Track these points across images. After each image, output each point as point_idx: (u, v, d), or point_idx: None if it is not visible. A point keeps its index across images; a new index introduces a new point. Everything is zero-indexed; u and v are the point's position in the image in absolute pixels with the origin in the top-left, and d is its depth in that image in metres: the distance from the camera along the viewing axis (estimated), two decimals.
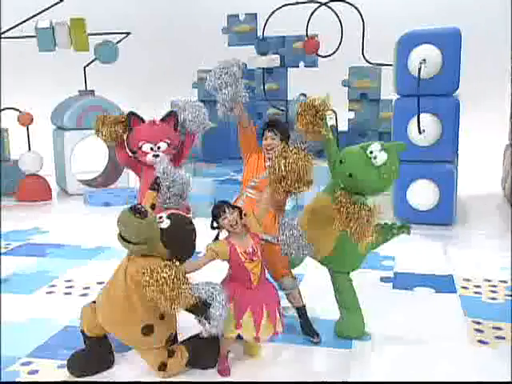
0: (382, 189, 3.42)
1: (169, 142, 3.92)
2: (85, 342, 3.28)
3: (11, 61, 10.00)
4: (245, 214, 3.23)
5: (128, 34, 8.40)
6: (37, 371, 3.28)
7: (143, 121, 4.03)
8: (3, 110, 7.60)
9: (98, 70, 8.41)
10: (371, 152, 3.27)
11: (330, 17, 8.08)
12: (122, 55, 8.30)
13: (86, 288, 4.56)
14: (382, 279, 4.72)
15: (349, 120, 8.79)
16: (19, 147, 8.04)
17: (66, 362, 3.26)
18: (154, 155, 3.90)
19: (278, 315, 3.27)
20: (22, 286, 4.61)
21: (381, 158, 3.25)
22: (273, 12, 8.22)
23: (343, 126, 8.74)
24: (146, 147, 3.89)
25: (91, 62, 8.37)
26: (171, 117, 3.99)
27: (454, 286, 4.52)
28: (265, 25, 8.23)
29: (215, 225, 3.20)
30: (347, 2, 7.71)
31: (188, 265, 3.07)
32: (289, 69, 8.87)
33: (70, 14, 8.00)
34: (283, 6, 8.08)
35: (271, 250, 3.51)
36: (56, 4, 7.96)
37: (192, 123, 4.06)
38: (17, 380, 3.18)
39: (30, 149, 7.88)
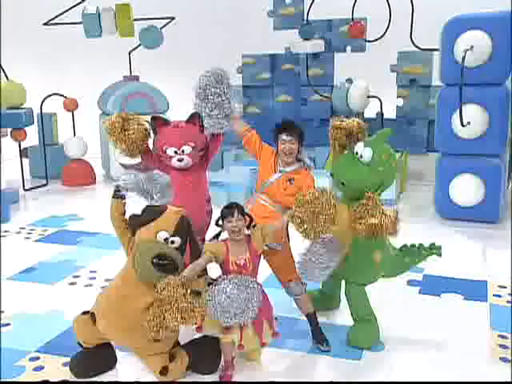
0: (386, 181, 3.34)
1: (193, 145, 3.70)
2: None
3: (58, 47, 10.18)
4: (253, 226, 3.11)
5: (172, 18, 8.33)
6: (42, 368, 3.31)
7: (168, 123, 3.89)
8: (50, 95, 7.73)
9: (142, 56, 8.41)
10: (356, 153, 3.29)
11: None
12: (166, 40, 8.24)
13: (108, 280, 4.57)
14: (410, 282, 4.49)
15: (397, 107, 8.41)
16: (65, 132, 8.18)
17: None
18: (178, 159, 3.70)
19: (265, 326, 3.12)
20: (46, 276, 4.68)
21: (366, 154, 3.26)
22: None
23: (390, 114, 8.39)
24: (170, 151, 3.69)
25: (136, 47, 8.37)
26: (196, 118, 3.81)
27: (486, 294, 4.24)
28: (309, 8, 7.96)
29: (220, 223, 3.10)
30: None
31: (187, 271, 2.98)
32: (335, 53, 8.55)
33: (116, 0, 7.99)
34: None
35: (277, 256, 3.39)
36: None
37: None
38: (21, 376, 3.22)
39: (74, 134, 8.01)
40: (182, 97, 9.60)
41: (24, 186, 7.66)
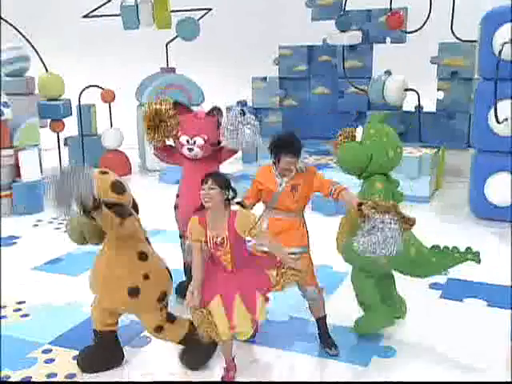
0: (376, 155, 3.38)
1: (206, 138, 3.78)
2: (95, 341, 3.30)
3: (97, 39, 10.34)
4: (243, 206, 3.04)
5: (209, 9, 8.31)
6: (52, 360, 3.38)
7: (190, 110, 3.93)
8: (87, 87, 7.85)
9: (179, 47, 8.43)
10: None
11: None
12: (203, 32, 8.23)
13: None
14: (432, 286, 4.35)
15: (437, 100, 8.15)
16: (103, 123, 8.31)
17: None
18: (188, 148, 3.81)
19: (258, 303, 3.01)
20: (72, 267, 4.77)
21: (358, 134, 3.49)
22: None
23: (430, 107, 8.15)
24: (183, 139, 3.81)
25: (173, 39, 8.39)
26: (215, 113, 3.83)
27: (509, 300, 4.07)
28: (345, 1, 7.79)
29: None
30: None
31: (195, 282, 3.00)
32: (374, 45, 8.34)
33: None
34: None
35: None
36: None
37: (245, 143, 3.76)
38: (31, 368, 3.29)
39: (111, 125, 8.12)
40: (217, 88, 9.69)
41: None
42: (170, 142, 3.98)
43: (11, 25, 7.22)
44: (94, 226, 3.01)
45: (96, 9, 8.13)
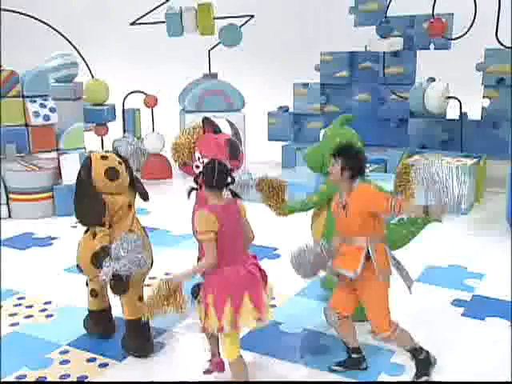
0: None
1: None
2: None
3: (142, 46, 10.57)
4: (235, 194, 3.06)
5: (252, 16, 8.36)
6: (68, 361, 3.49)
7: (217, 131, 3.99)
8: (131, 92, 8.06)
9: (221, 54, 8.52)
10: None
11: None
12: (245, 38, 8.29)
13: (151, 278, 4.71)
14: (455, 302, 4.22)
15: (482, 108, 7.89)
16: (146, 127, 8.50)
17: (96, 356, 3.45)
18: (196, 165, 3.91)
19: (265, 301, 2.99)
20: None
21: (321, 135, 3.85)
22: None
23: (475, 115, 7.90)
24: (196, 155, 3.91)
25: (216, 45, 8.49)
26: (229, 143, 3.89)
27: None
28: (388, 5, 7.66)
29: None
30: None
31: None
32: (418, 51, 8.15)
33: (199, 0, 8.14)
34: None
35: (369, 291, 3.12)
36: None
37: None
38: (47, 368, 3.41)
39: (153, 129, 8.29)
40: (258, 94, 9.73)
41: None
42: None
43: (60, 33, 7.49)
44: None
45: (142, 16, 8.31)
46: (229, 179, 2.99)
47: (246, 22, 8.37)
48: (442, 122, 7.91)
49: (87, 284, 3.80)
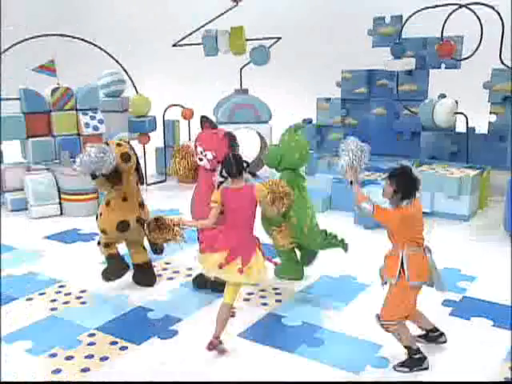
0: (286, 155, 4.15)
1: (215, 154, 3.96)
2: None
3: (182, 65, 10.74)
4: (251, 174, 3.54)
5: (279, 38, 8.40)
6: (94, 343, 3.64)
7: (214, 127, 4.17)
8: (171, 106, 8.23)
9: (251, 71, 8.60)
10: None
11: (469, 18, 7.15)
12: (272, 57, 8.35)
13: (175, 272, 4.85)
14: (445, 302, 4.18)
15: (489, 123, 7.73)
16: (184, 138, 8.65)
17: (118, 340, 3.60)
18: (199, 158, 4.08)
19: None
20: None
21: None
22: (410, 16, 7.57)
23: (482, 129, 7.75)
24: (198, 149, 4.08)
25: (246, 64, 8.57)
26: (228, 136, 3.99)
27: None
28: (401, 28, 7.59)
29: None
30: (485, 4, 6.71)
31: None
32: (430, 70, 8.04)
33: (232, 23, 8.24)
34: (422, 9, 7.37)
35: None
36: (219, 16, 8.26)
37: None
38: (76, 347, 3.57)
39: (190, 139, 8.43)
40: (285, 108, 9.75)
41: (146, 181, 8.22)
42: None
43: (109, 54, 7.71)
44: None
45: (183, 39, 8.47)
46: (243, 167, 3.43)
47: (274, 43, 8.42)
48: (451, 135, 7.78)
49: (99, 243, 4.53)
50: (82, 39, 7.51)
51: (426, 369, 3.27)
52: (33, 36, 7.08)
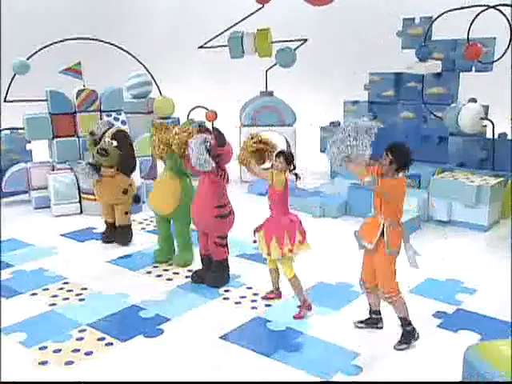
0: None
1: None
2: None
3: (208, 67, 11.00)
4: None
5: (305, 40, 8.52)
6: (83, 338, 3.92)
7: (208, 132, 4.50)
8: (194, 108, 8.52)
9: (277, 73, 8.76)
10: None
11: (499, 19, 7.03)
12: (299, 59, 8.47)
13: (175, 274, 5.09)
14: (436, 314, 4.22)
15: None
16: None
17: (105, 335, 3.87)
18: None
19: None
20: (134, 263, 5.35)
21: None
22: (437, 17, 7.51)
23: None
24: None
25: (272, 66, 8.74)
26: (215, 133, 4.45)
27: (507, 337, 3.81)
28: (428, 30, 7.56)
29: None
30: None
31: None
32: (461, 73, 7.94)
33: (258, 25, 8.42)
34: (449, 10, 7.30)
35: (378, 259, 3.69)
36: (246, 18, 8.46)
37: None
38: (66, 342, 3.86)
39: None
40: (311, 110, 9.87)
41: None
42: None
43: (134, 56, 8.09)
44: None
45: (209, 41, 8.75)
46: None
47: (300, 45, 8.54)
48: (480, 141, 7.67)
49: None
50: (108, 42, 7.92)
51: (418, 338, 3.71)
52: (61, 39, 7.54)
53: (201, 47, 8.86)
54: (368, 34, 10.21)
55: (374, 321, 3.99)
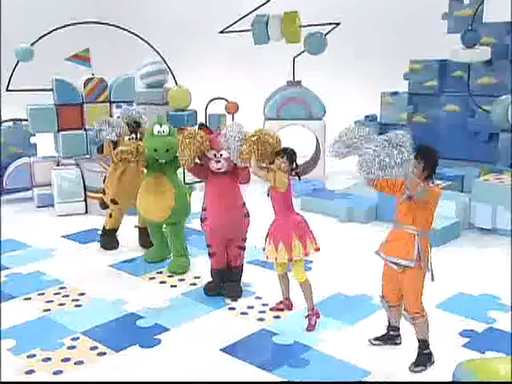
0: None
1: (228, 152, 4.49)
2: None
3: (229, 54, 11.15)
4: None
5: (337, 24, 8.59)
6: (74, 347, 4.12)
7: (211, 132, 4.62)
8: (213, 99, 8.68)
9: (306, 61, 8.86)
10: (158, 131, 5.17)
11: None
12: (330, 45, 8.54)
13: (181, 280, 5.26)
14: (464, 332, 4.26)
15: None
16: None
17: (98, 345, 4.07)
18: (216, 161, 4.57)
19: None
20: (138, 268, 5.56)
21: (165, 129, 5.16)
22: None
23: None
24: (211, 154, 4.58)
25: (300, 53, 8.85)
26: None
27: None
28: (475, 13, 7.53)
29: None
30: None
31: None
32: None
33: (285, 7, 8.55)
34: None
35: (408, 278, 3.73)
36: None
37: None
38: (57, 350, 4.07)
39: None
40: (343, 102, 9.93)
41: (185, 180, 8.72)
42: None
43: (147, 42, 8.32)
44: None
45: (231, 25, 8.91)
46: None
47: (332, 29, 8.63)
48: None
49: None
50: (119, 26, 8.18)
51: (433, 363, 3.76)
52: (68, 24, 7.84)
53: (222, 32, 9.04)
54: (409, 17, 10.18)
55: (391, 337, 4.07)
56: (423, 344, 3.78)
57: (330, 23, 8.60)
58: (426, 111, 8.70)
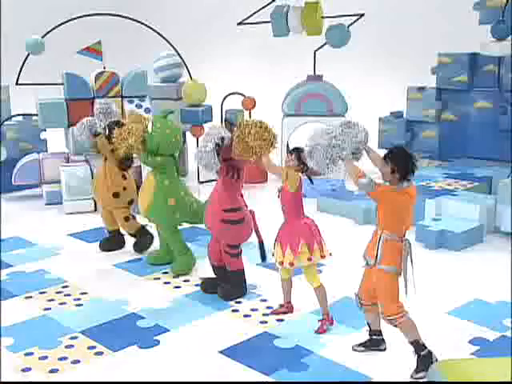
0: (162, 144, 5.37)
1: None
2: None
3: (246, 47, 11.30)
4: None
5: (361, 15, 8.69)
6: (72, 346, 4.35)
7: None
8: (230, 94, 8.89)
9: (328, 54, 8.97)
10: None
11: None
12: (353, 38, 8.64)
13: (185, 281, 5.46)
14: (474, 340, 4.35)
15: None
16: None
17: (96, 344, 4.28)
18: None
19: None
20: (143, 268, 5.79)
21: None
22: None
23: None
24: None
25: (322, 45, 8.96)
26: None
27: None
28: (506, 3, 7.54)
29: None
30: None
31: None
32: None
33: None
34: None
35: (382, 279, 3.87)
36: None
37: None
38: (54, 349, 4.30)
39: None
40: (367, 98, 10.01)
41: (199, 178, 8.94)
42: None
43: (161, 35, 8.55)
44: None
45: (249, 16, 9.08)
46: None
47: (355, 21, 8.72)
48: None
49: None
50: (132, 18, 8.42)
51: (437, 360, 3.76)
52: (79, 15, 8.11)
53: (240, 24, 9.22)
54: (437, 7, 10.22)
55: (374, 343, 4.17)
56: (416, 346, 3.83)
57: (354, 14, 8.70)
58: (455, 108, 8.74)
